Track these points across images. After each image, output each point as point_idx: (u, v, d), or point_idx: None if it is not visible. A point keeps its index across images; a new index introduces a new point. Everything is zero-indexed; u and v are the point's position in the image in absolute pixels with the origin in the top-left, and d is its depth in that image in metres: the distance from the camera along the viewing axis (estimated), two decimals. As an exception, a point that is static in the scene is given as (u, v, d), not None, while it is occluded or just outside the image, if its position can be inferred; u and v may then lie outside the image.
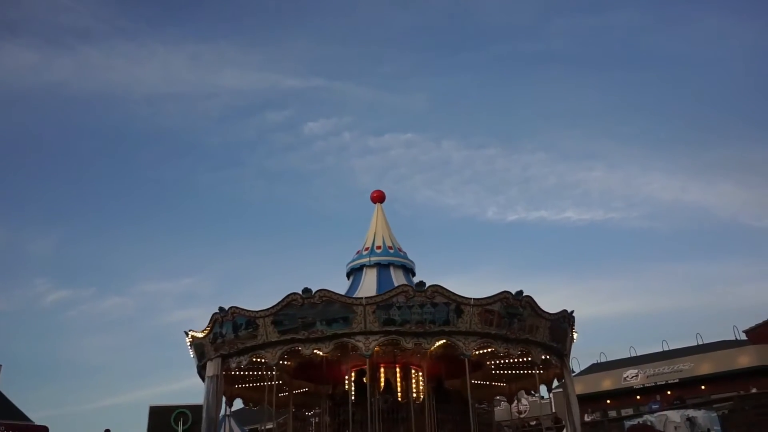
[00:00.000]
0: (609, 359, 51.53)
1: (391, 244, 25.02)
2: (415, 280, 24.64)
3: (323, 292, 20.06)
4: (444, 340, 19.90)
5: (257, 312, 20.62)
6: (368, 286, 23.15)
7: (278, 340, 20.34)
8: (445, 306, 19.69)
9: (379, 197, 26.61)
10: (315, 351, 20.29)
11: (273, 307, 20.41)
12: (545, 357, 21.63)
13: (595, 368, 50.90)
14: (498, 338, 20.33)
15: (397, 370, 23.53)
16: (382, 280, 23.66)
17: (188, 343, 23.46)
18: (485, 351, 22.04)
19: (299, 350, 20.45)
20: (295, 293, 20.31)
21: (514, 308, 20.25)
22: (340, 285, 26.29)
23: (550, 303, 24.23)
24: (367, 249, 25.02)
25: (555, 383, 24.85)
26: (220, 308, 21.19)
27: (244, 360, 21.14)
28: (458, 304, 19.74)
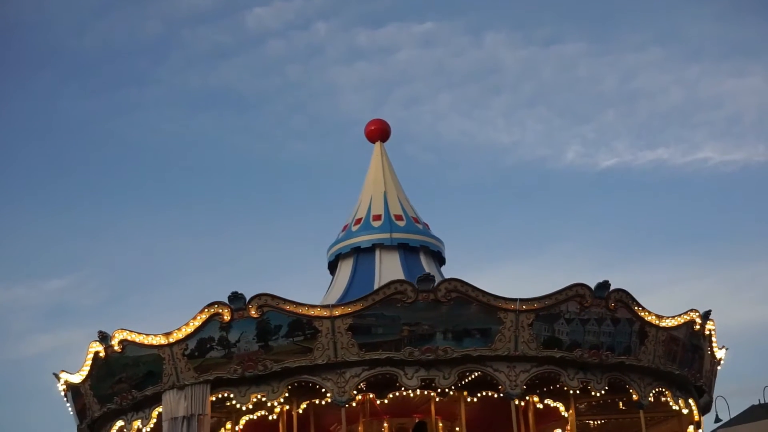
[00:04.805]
0: (781, 398, 33.90)
1: (414, 215, 16.80)
2: (444, 270, 16.79)
3: (453, 284, 11.77)
4: (616, 378, 12.78)
5: (320, 308, 11.64)
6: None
7: (360, 359, 11.63)
8: (627, 325, 12.63)
9: (379, 131, 17.67)
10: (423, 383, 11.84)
11: (354, 302, 11.60)
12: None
13: (758, 413, 35.07)
14: (675, 382, 13.65)
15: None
16: (413, 272, 15.26)
17: (96, 353, 13.05)
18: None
19: (395, 378, 11.82)
20: (402, 281, 11.82)
21: (697, 338, 13.76)
22: (315, 280, 17.24)
23: (672, 305, 16.63)
24: (377, 218, 16.48)
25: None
26: (234, 295, 11.68)
27: (275, 391, 11.90)
28: (643, 323, 12.76)
